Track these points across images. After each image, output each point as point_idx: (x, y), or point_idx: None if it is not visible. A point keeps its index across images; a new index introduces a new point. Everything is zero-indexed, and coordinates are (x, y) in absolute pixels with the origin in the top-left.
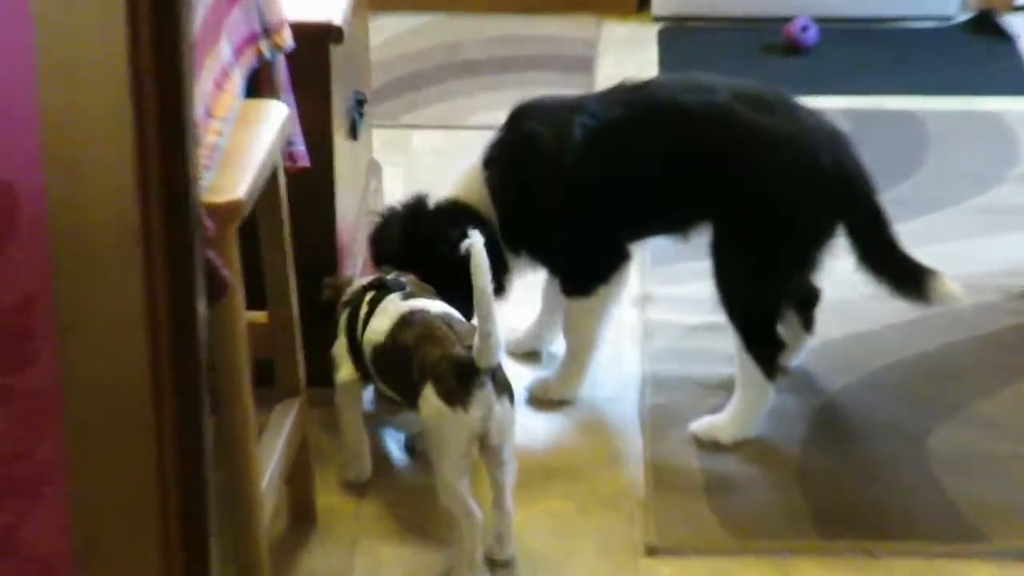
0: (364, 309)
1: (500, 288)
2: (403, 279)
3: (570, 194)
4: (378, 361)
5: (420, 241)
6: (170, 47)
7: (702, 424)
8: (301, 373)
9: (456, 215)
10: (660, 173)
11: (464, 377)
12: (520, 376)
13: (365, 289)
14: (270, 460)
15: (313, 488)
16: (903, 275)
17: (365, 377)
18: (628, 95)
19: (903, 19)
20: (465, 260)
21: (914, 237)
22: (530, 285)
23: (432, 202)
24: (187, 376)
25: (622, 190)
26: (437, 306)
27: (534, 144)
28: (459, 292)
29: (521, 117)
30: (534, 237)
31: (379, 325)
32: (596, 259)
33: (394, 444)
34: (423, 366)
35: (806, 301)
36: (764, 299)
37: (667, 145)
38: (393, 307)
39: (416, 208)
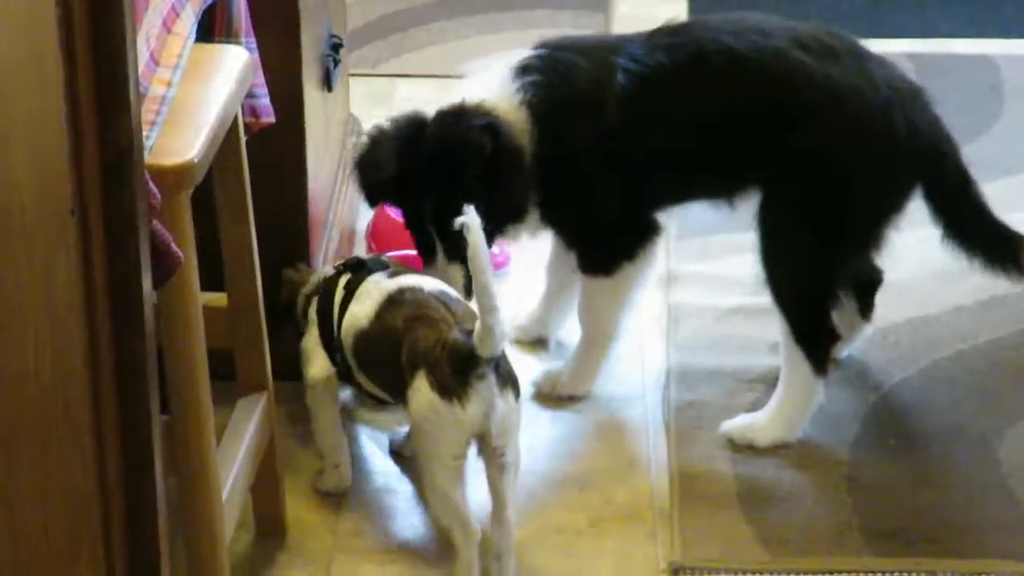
0: (340, 294)
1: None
2: (384, 258)
3: (606, 148)
4: (360, 349)
5: (428, 154)
6: None
7: (737, 424)
8: (267, 365)
9: (477, 118)
10: (706, 129)
11: (462, 366)
12: (525, 368)
13: (338, 272)
14: (231, 466)
15: (282, 498)
16: (996, 244)
17: (343, 376)
18: (669, 39)
19: None
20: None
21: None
22: (534, 260)
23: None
24: (132, 369)
25: (664, 147)
26: (430, 283)
27: (573, 78)
28: (486, 207)
29: (556, 48)
30: (555, 192)
31: (361, 309)
32: (623, 230)
33: (377, 447)
34: (414, 352)
35: (866, 284)
36: (819, 281)
37: (714, 97)
38: (377, 288)
39: (416, 122)
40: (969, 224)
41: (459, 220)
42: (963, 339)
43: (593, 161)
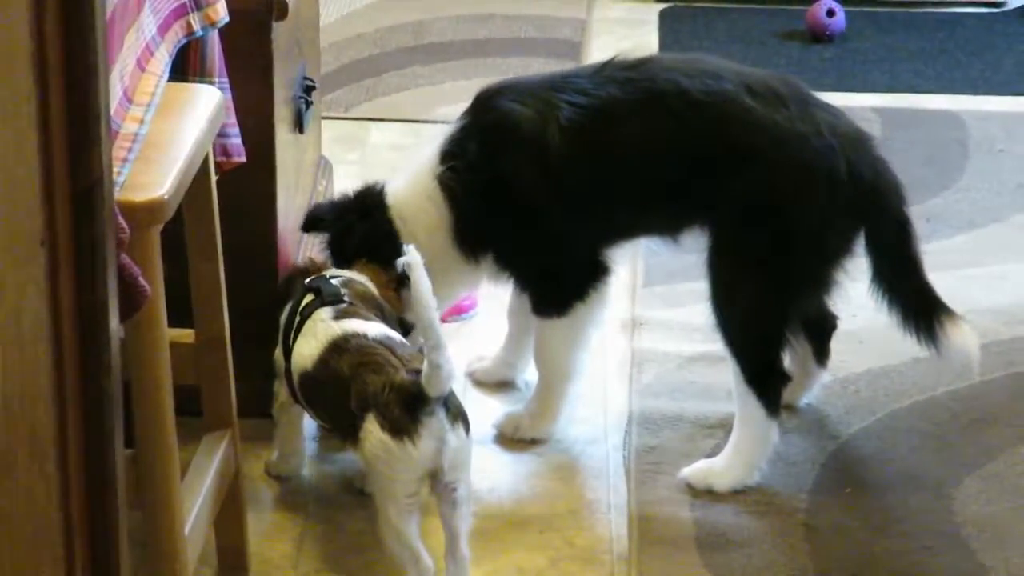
0: (297, 318)
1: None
2: (343, 285)
3: (554, 183)
4: (305, 388)
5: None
6: (80, 20)
7: (696, 469)
8: (232, 402)
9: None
10: (654, 166)
11: (411, 406)
12: (489, 410)
13: (305, 290)
14: (195, 500)
15: (245, 533)
16: (915, 307)
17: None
18: (623, 73)
19: (946, 3)
20: None
21: (950, 257)
22: (500, 302)
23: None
24: (97, 401)
25: (612, 182)
26: (374, 328)
27: (511, 125)
28: None
29: (492, 97)
30: (503, 240)
31: (307, 349)
32: (574, 269)
33: (339, 485)
34: (363, 397)
35: (820, 329)
36: (768, 323)
37: (664, 134)
38: (323, 328)
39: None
40: (898, 279)
41: (401, 260)
42: (921, 390)
43: (540, 202)
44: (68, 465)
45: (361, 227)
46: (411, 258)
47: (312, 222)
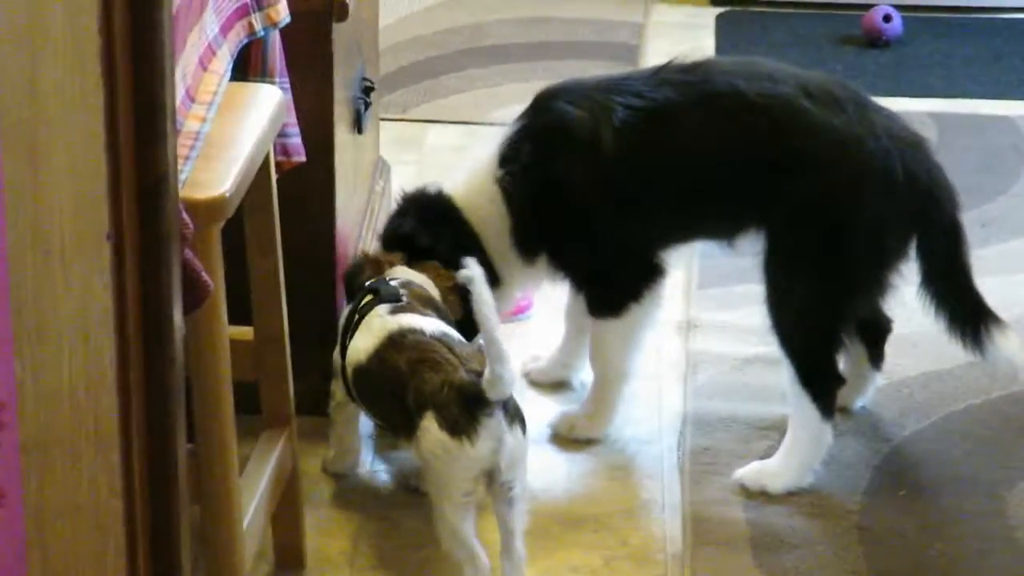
0: (356, 317)
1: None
2: (403, 286)
3: (608, 185)
4: (360, 384)
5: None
6: (147, 16)
7: (750, 470)
8: (290, 399)
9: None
10: (709, 168)
11: (470, 405)
12: (544, 410)
13: (366, 290)
14: (253, 496)
15: (302, 529)
16: (962, 313)
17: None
18: (679, 75)
19: (1001, 9)
20: None
21: (1004, 263)
22: (556, 303)
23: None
24: (160, 393)
25: (667, 183)
26: (432, 324)
27: (566, 127)
28: None
29: (549, 99)
30: (559, 241)
31: (362, 343)
32: (629, 271)
33: (394, 483)
34: (420, 395)
35: (875, 332)
36: (823, 325)
37: (720, 136)
38: (379, 323)
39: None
40: (947, 284)
41: (462, 273)
42: (975, 394)
43: (594, 202)
44: (131, 456)
45: (446, 234)
46: (472, 272)
47: (402, 239)
